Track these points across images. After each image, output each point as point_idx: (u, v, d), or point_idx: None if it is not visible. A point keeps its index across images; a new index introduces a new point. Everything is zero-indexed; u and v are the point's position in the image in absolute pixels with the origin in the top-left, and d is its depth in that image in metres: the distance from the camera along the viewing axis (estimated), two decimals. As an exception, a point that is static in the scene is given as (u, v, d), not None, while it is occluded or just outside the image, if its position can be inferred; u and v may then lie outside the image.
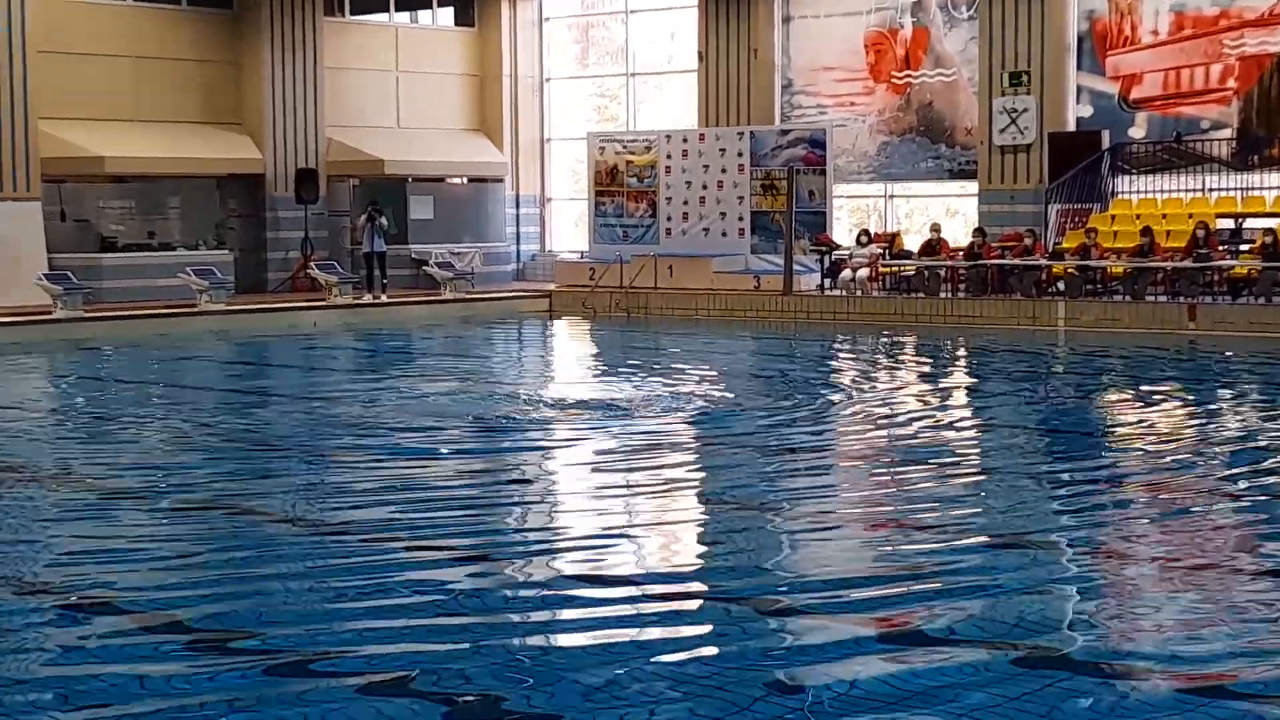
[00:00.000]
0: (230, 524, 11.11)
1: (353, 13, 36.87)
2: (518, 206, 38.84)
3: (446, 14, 39.01)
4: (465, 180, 38.23)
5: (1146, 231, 27.25)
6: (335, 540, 10.55)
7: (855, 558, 10.02)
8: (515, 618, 8.45)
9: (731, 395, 17.81)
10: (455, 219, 36.63)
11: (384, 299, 31.89)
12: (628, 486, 12.52)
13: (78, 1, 32.02)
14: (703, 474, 13.36)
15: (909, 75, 33.49)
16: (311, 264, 32.91)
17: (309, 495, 12.24)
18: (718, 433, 15.01)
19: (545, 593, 9.09)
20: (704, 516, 11.68)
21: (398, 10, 37.74)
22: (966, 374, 22.75)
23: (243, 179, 34.33)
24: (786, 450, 14.20)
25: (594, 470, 13.39)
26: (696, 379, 19.73)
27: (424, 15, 38.77)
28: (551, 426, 15.76)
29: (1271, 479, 12.73)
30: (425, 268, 34.05)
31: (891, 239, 31.06)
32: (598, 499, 12.08)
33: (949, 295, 29.01)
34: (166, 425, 16.41)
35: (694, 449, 14.55)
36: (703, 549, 10.59)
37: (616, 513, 11.60)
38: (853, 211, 34.92)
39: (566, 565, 9.78)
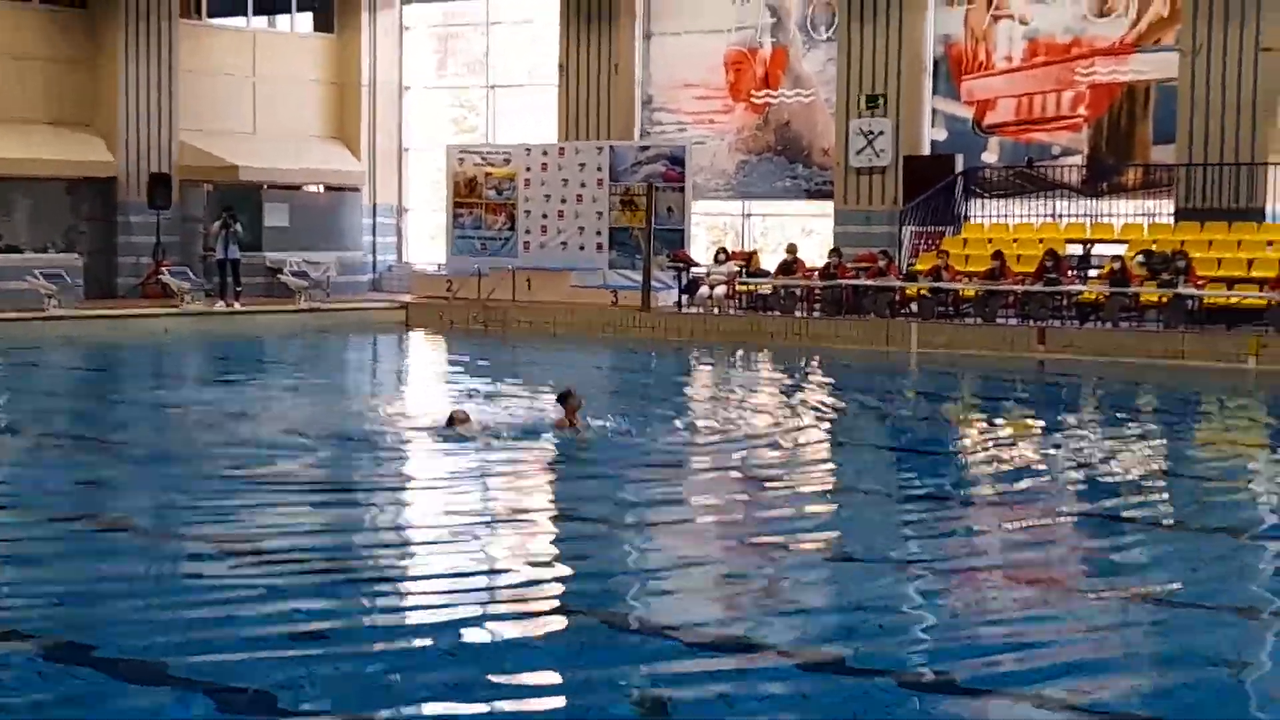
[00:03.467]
0: (65, 532, 10.90)
1: (210, 15, 36.44)
2: (375, 216, 38.55)
3: (305, 19, 38.67)
4: (322, 188, 37.88)
5: (998, 255, 27.63)
6: (175, 549, 10.40)
7: (699, 574, 10.04)
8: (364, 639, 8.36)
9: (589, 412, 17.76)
10: (311, 227, 36.25)
11: (237, 307, 31.48)
12: (473, 503, 12.44)
13: (-75, -3, 31.38)
14: (549, 492, 13.31)
15: (768, 95, 33.74)
16: (163, 270, 32.43)
17: (152, 504, 12.04)
18: (569, 451, 14.95)
19: (394, 606, 9.02)
20: (548, 533, 11.63)
21: (256, 14, 37.35)
22: (819, 393, 22.90)
23: (94, 182, 33.74)
24: (640, 468, 14.18)
25: (442, 486, 13.30)
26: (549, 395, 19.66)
27: (282, 20, 38.39)
28: (401, 442, 15.62)
29: (1109, 501, 12.96)
30: (280, 276, 33.68)
31: (748, 257, 31.22)
32: (444, 515, 11.98)
33: (805, 314, 29.22)
34: (5, 432, 16.07)
35: (541, 467, 14.48)
36: (548, 565, 10.54)
37: (463, 532, 11.51)
38: (710, 229, 35.09)
39: (413, 578, 9.72)
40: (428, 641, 8.21)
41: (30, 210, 33.41)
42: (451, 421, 15.29)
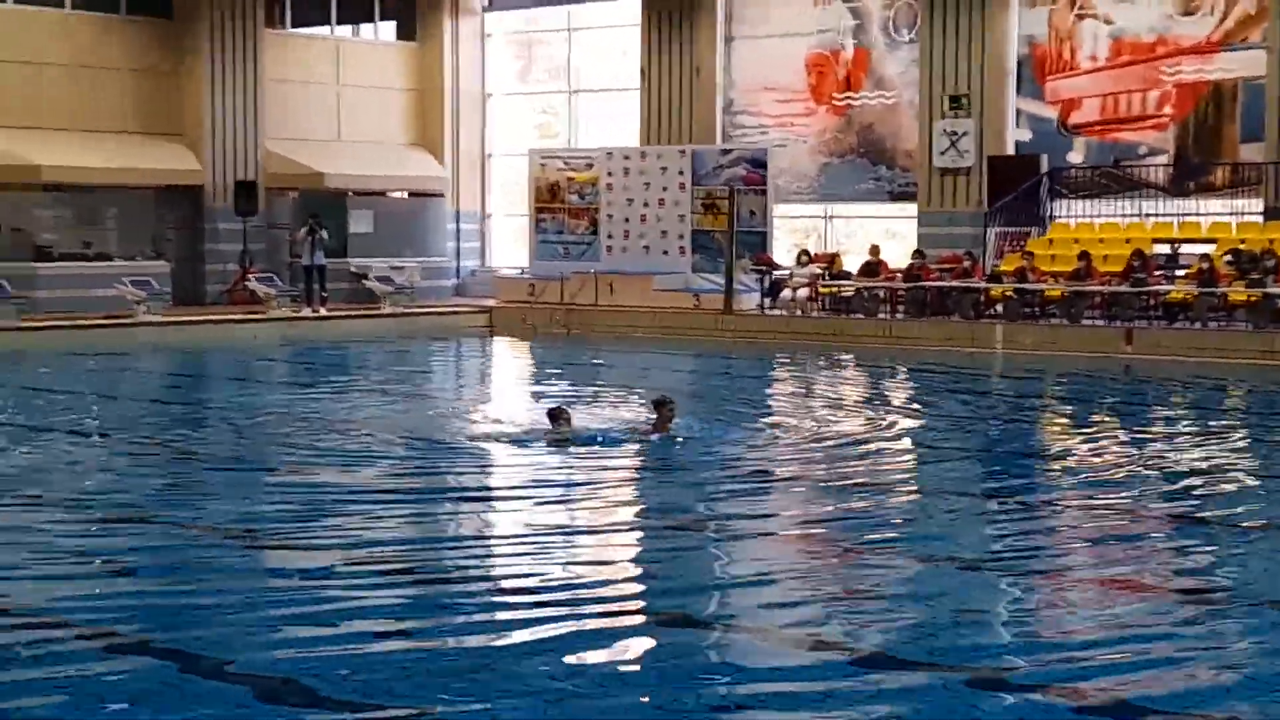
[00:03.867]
0: (162, 535, 11.02)
1: (294, 25, 36.73)
2: (458, 221, 38.73)
3: (388, 28, 38.91)
4: (406, 194, 38.10)
5: (1084, 255, 27.43)
6: (269, 554, 10.50)
7: (787, 576, 10.03)
8: (450, 637, 8.40)
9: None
10: (395, 233, 36.48)
11: (323, 313, 31.73)
12: (567, 506, 12.48)
13: (14, 9, 31.78)
14: (642, 495, 13.33)
15: (850, 97, 33.64)
16: (250, 276, 32.72)
17: (241, 508, 12.16)
18: (659, 455, 14.95)
19: (482, 608, 9.06)
20: (642, 536, 11.65)
21: (339, 23, 37.62)
22: (906, 396, 22.82)
23: (181, 190, 34.09)
24: (730, 472, 14.17)
25: (530, 491, 13.37)
26: (639, 399, 19.70)
27: (365, 29, 38.65)
28: (491, 445, 15.69)
29: (1195, 502, 12.84)
30: (365, 282, 33.92)
31: (831, 259, 31.13)
32: (533, 518, 12.02)
33: (888, 316, 29.13)
34: (100, 437, 16.29)
35: (634, 471, 14.49)
36: (640, 569, 10.57)
37: (554, 535, 11.54)
38: (792, 232, 35.01)
39: (505, 582, 9.76)
40: (512, 641, 8.24)
41: (119, 219, 33.81)
42: (554, 417, 15.30)
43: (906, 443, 16.54)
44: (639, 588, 9.86)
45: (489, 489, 13.87)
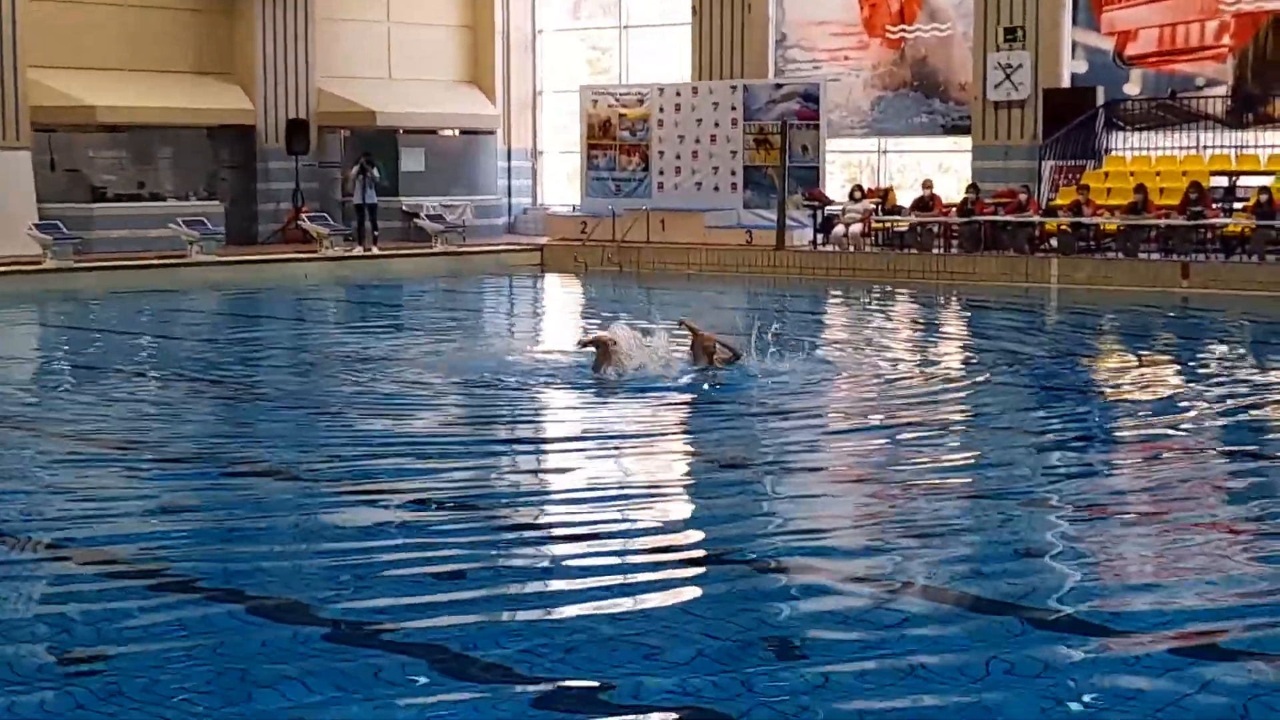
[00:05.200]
0: (220, 478, 11.08)
1: (345, -37, 36.65)
2: (509, 159, 38.69)
3: (439, -36, 38.76)
4: (457, 133, 38.05)
5: (1140, 189, 27.17)
6: (329, 493, 10.55)
7: (847, 516, 10.00)
8: (513, 581, 8.41)
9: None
10: (447, 172, 36.49)
11: (375, 251, 31.77)
12: (618, 445, 12.47)
13: (67, -50, 31.81)
14: (695, 435, 13.31)
15: (903, 30, 33.34)
16: (302, 215, 32.78)
17: (302, 449, 12.20)
18: (715, 393, 14.91)
19: (539, 550, 9.09)
20: (696, 477, 11.65)
21: (390, -40, 37.50)
22: (960, 331, 22.71)
23: (234, 129, 34.13)
24: (781, 411, 14.12)
25: (583, 428, 13.38)
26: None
27: (416, -34, 38.51)
28: (545, 384, 15.68)
29: (1252, 437, 12.75)
30: (416, 220, 33.94)
31: (884, 195, 30.96)
32: (589, 457, 12.03)
33: (942, 251, 28.97)
34: (156, 377, 16.39)
35: (689, 409, 14.46)
36: (695, 508, 10.57)
37: (608, 472, 11.55)
38: (845, 167, 34.81)
39: (559, 521, 9.78)
40: (565, 585, 8.25)
41: (172, 158, 33.93)
42: (597, 345, 15.19)
43: (960, 379, 16.46)
44: (695, 533, 9.85)
45: (534, 424, 13.88)
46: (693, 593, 8.10)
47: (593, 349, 15.31)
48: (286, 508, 10.09)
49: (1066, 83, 30.95)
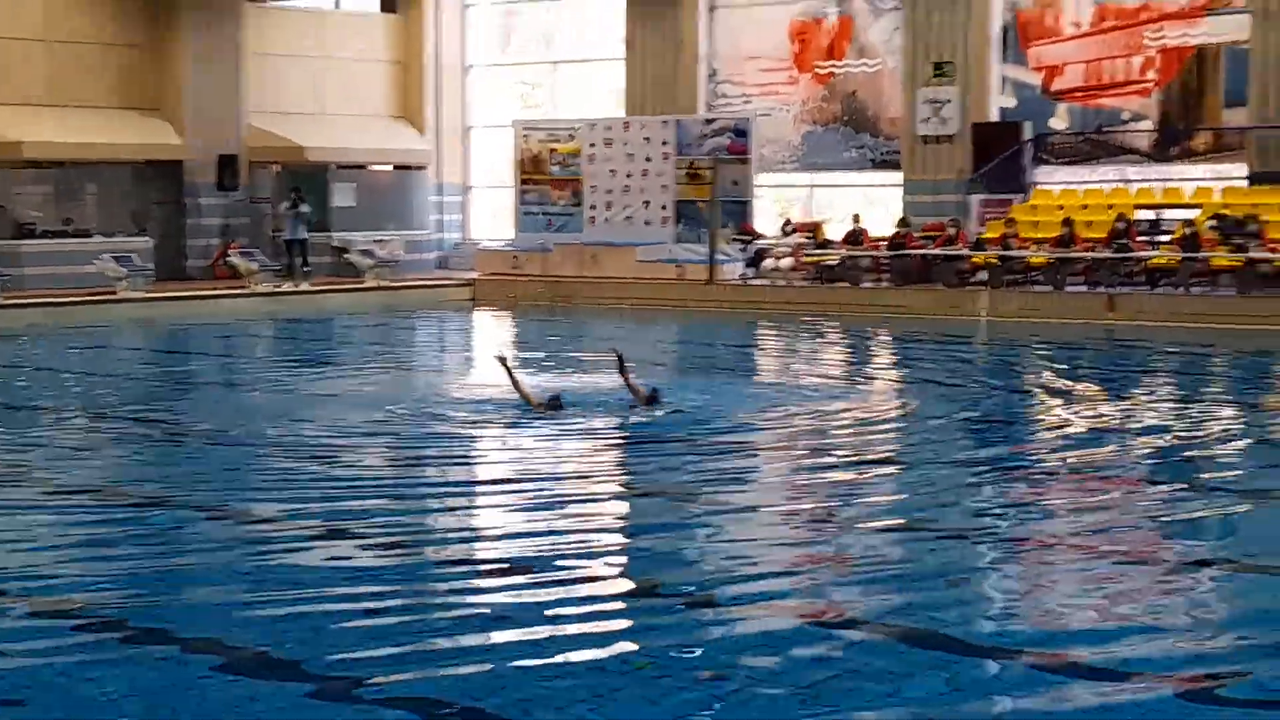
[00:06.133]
0: (138, 513, 10.97)
1: (274, -3, 36.56)
2: (441, 194, 38.62)
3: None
4: (388, 168, 37.97)
5: (1067, 222, 27.40)
6: (248, 530, 10.46)
7: (774, 548, 10.00)
8: (437, 613, 8.36)
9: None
10: (378, 207, 36.35)
11: (306, 287, 31.63)
12: (550, 479, 12.43)
13: (-8, -16, 31.58)
14: (626, 467, 13.29)
15: (833, 65, 33.55)
16: (232, 251, 32.60)
17: (223, 484, 12.10)
18: (646, 427, 14.89)
19: (469, 585, 9.03)
20: (628, 508, 11.62)
21: (320, -5, 37.45)
22: (889, 364, 22.79)
23: (163, 165, 33.89)
24: (712, 443, 14.12)
25: (511, 463, 13.33)
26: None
27: (346, 1, 38.44)
28: (473, 420, 15.62)
29: (1174, 467, 12.85)
30: (347, 256, 33.82)
31: (814, 229, 31.07)
32: (515, 493, 11.98)
33: (872, 285, 29.10)
34: (79, 413, 16.23)
35: (620, 443, 14.43)
36: (627, 541, 10.54)
37: (539, 508, 11.50)
38: (776, 201, 34.94)
39: (487, 556, 9.73)
40: (495, 615, 8.21)
41: (100, 194, 33.62)
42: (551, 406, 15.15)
43: (890, 412, 16.51)
44: (626, 561, 9.83)
45: (472, 462, 13.82)
46: (623, 625, 8.08)
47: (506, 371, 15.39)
48: (212, 546, 9.99)
49: (995, 117, 31.19)
